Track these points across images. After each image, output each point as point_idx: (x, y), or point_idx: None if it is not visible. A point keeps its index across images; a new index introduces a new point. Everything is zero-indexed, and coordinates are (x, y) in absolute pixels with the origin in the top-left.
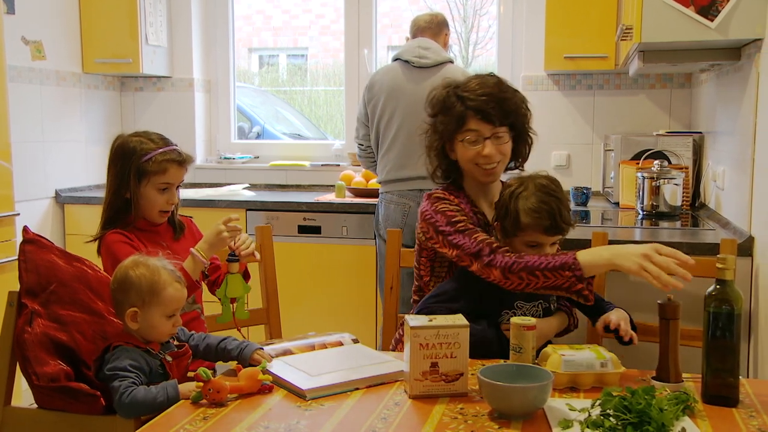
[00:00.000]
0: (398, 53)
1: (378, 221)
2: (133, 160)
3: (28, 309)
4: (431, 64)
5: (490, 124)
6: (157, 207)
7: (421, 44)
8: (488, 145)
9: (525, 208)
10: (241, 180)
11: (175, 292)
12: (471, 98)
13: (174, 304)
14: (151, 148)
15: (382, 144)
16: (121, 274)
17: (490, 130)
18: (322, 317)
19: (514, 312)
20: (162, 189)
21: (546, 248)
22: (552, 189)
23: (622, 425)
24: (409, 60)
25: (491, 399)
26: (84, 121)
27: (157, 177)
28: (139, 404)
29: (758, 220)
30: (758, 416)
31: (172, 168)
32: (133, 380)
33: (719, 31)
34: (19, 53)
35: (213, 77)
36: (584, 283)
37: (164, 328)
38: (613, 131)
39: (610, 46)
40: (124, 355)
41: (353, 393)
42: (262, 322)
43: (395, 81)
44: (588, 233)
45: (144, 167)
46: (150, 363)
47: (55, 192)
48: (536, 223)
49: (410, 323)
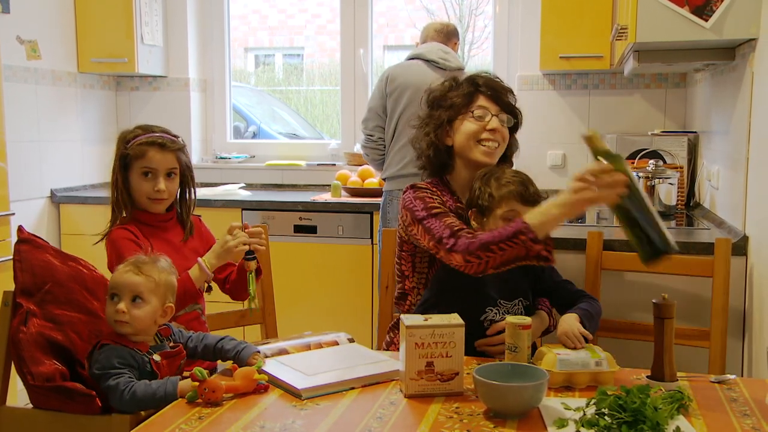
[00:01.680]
0: (418, 53)
1: (385, 217)
2: (119, 148)
3: (23, 309)
4: (454, 67)
5: (498, 104)
6: (143, 194)
7: (442, 48)
8: (495, 119)
9: (498, 182)
10: (237, 180)
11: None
12: (480, 81)
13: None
14: (137, 134)
15: (398, 137)
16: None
17: (497, 110)
18: (318, 317)
19: (497, 309)
20: (144, 174)
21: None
22: (520, 171)
23: (617, 424)
24: (434, 60)
25: (487, 398)
26: (80, 121)
27: (138, 162)
28: (139, 400)
29: (752, 220)
30: (752, 415)
31: (150, 151)
32: (129, 376)
33: (714, 31)
34: (14, 53)
35: (209, 77)
36: (541, 244)
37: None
38: (608, 131)
39: (605, 45)
40: (112, 354)
41: (349, 392)
42: (258, 322)
43: (423, 78)
44: (584, 233)
45: (126, 152)
46: (138, 360)
47: (51, 192)
48: (512, 190)
49: (405, 323)
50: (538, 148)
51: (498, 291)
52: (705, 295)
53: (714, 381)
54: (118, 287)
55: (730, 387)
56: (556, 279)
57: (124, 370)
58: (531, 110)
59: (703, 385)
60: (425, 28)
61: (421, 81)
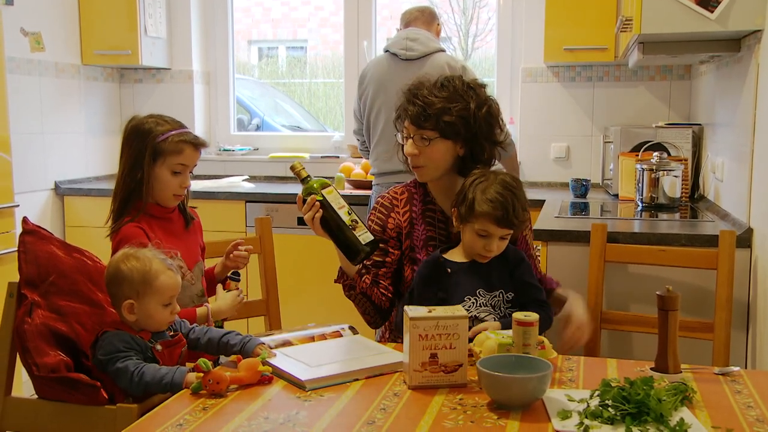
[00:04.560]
0: (387, 45)
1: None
2: (149, 140)
3: (28, 300)
4: (418, 56)
5: (413, 124)
6: (170, 189)
7: (409, 35)
8: (409, 143)
9: (482, 196)
10: (241, 172)
11: (167, 280)
12: (407, 99)
13: (168, 291)
14: (167, 129)
15: (372, 137)
16: (112, 268)
17: (413, 130)
18: (321, 309)
19: (476, 299)
20: (176, 171)
21: (495, 240)
22: (512, 186)
23: (620, 416)
24: (396, 53)
25: (490, 390)
26: (83, 113)
27: (173, 157)
28: (146, 383)
29: (757, 212)
30: (756, 407)
31: (187, 149)
32: (138, 358)
33: (719, 23)
34: (18, 45)
35: (212, 69)
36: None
37: (161, 316)
38: (612, 123)
39: (609, 37)
40: (115, 338)
41: (352, 384)
42: (261, 314)
43: (382, 74)
44: (587, 225)
45: (160, 147)
46: (141, 345)
47: (55, 184)
48: (489, 212)
49: (409, 314)
50: (542, 141)
51: (478, 282)
52: (709, 287)
53: (718, 373)
54: (172, 290)
55: (734, 379)
56: (526, 279)
57: (130, 353)
58: (534, 102)
59: (707, 377)
60: (402, 15)
61: (381, 76)
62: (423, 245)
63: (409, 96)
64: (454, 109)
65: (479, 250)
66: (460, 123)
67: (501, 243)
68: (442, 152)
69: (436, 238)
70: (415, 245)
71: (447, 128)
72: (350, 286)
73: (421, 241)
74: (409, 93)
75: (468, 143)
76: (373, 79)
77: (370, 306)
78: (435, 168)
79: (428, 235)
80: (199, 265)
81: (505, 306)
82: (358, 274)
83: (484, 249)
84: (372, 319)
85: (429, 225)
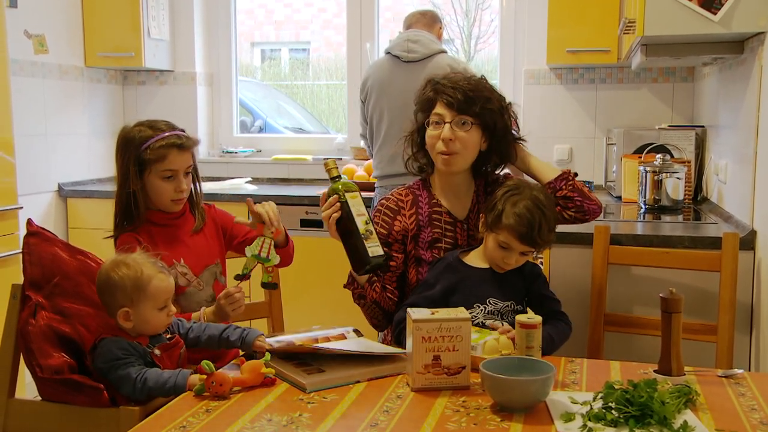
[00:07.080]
0: (388, 47)
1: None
2: (131, 151)
3: (32, 301)
4: (419, 57)
5: (453, 110)
6: (166, 196)
7: (410, 37)
8: (447, 128)
9: (511, 209)
10: (244, 174)
11: (160, 283)
12: (441, 86)
13: (162, 294)
14: (149, 136)
15: (375, 140)
16: (103, 277)
17: (452, 116)
18: (324, 311)
19: (485, 307)
20: (166, 177)
21: (514, 255)
22: (543, 203)
23: (624, 418)
24: (397, 55)
25: (493, 392)
26: (86, 115)
27: (158, 164)
28: (150, 388)
29: (761, 214)
30: (760, 409)
31: (171, 153)
32: (139, 364)
33: (722, 25)
34: (21, 47)
35: (215, 71)
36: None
37: (158, 320)
38: (615, 125)
39: (612, 39)
40: (112, 345)
41: (355, 386)
42: (264, 316)
43: (384, 76)
44: (590, 227)
45: (143, 156)
46: (139, 351)
47: (58, 186)
48: (514, 226)
49: (412, 316)
50: (545, 143)
51: (491, 290)
52: (712, 289)
53: (721, 375)
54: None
55: (738, 381)
56: (543, 292)
57: (130, 359)
58: (537, 104)
59: (711, 379)
60: (405, 18)
61: (383, 79)
62: (428, 247)
63: (445, 83)
64: (495, 99)
65: (497, 261)
66: (498, 114)
67: (520, 258)
68: (476, 141)
69: (441, 240)
70: (420, 247)
71: (487, 116)
72: (360, 295)
73: (426, 243)
74: (439, 82)
75: (493, 138)
76: (375, 83)
77: (379, 312)
78: (465, 157)
79: (434, 237)
80: (210, 269)
81: (512, 316)
82: (369, 281)
83: (503, 261)
84: (378, 323)
85: (436, 227)
